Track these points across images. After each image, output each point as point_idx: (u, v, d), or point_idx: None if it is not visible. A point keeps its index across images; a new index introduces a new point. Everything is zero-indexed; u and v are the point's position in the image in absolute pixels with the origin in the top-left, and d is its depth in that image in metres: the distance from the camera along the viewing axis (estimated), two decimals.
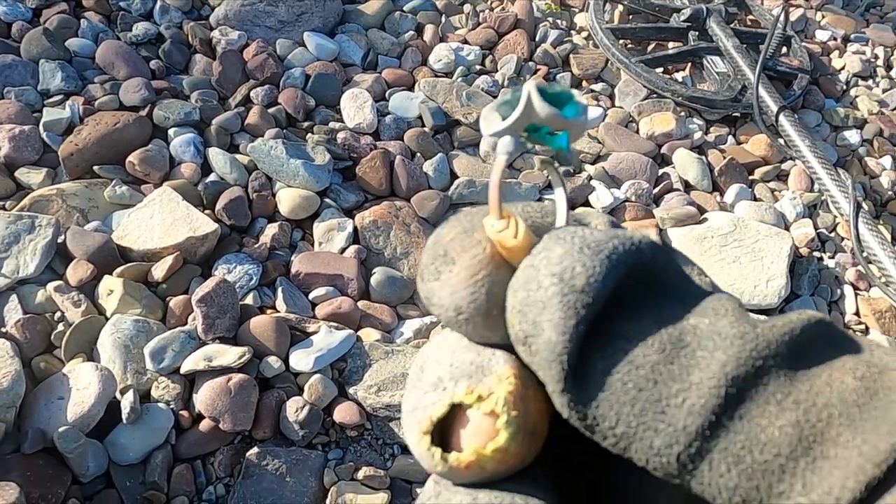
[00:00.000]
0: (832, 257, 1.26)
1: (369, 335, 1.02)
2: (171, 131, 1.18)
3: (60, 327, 0.95)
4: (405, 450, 0.97)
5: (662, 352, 0.18)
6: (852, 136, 1.47)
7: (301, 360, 0.96)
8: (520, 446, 0.19)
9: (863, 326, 1.18)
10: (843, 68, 1.65)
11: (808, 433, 0.17)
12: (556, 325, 0.18)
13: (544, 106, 0.21)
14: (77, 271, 0.98)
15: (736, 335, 0.18)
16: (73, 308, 0.96)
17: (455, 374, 0.20)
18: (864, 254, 1.17)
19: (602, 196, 1.25)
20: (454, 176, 1.25)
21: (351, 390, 0.97)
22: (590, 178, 1.28)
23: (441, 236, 0.21)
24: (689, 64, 1.56)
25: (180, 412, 0.91)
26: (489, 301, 0.20)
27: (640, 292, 0.20)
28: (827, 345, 0.19)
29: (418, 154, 1.26)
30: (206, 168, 1.17)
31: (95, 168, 1.12)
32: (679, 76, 1.54)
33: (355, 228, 1.13)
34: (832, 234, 1.30)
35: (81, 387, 0.86)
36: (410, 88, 1.38)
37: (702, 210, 1.28)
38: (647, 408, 0.18)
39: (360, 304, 1.05)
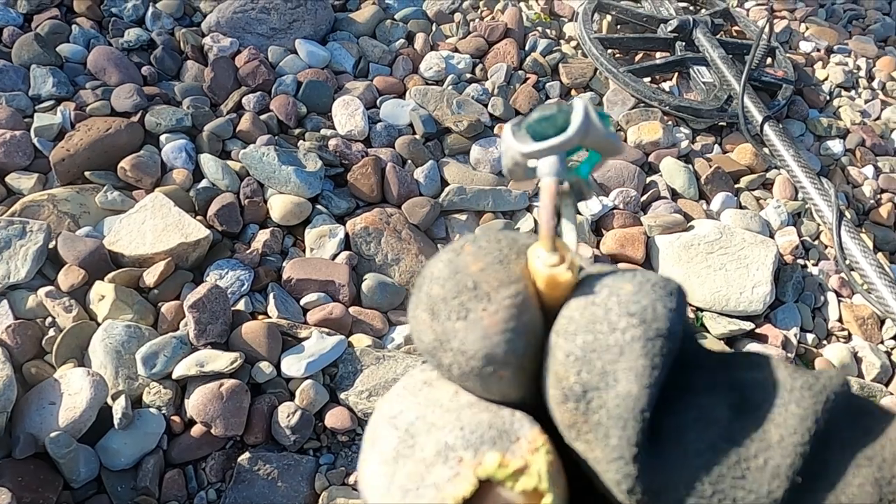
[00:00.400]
0: (816, 265, 1.29)
1: (360, 341, 1.03)
2: (162, 137, 1.19)
3: (52, 333, 0.95)
4: None
5: (731, 406, 0.16)
6: (835, 145, 1.50)
7: (293, 365, 0.96)
8: None
9: (846, 333, 1.21)
10: (826, 79, 1.68)
11: (886, 490, 0.15)
12: (639, 375, 0.15)
13: (601, 125, 0.19)
14: (68, 277, 0.98)
15: (803, 386, 0.16)
16: (65, 313, 0.96)
17: (472, 441, 0.16)
18: (847, 261, 1.19)
19: (591, 203, 1.26)
20: (445, 183, 1.26)
21: (342, 395, 0.97)
22: None
23: (465, 264, 0.17)
24: (677, 74, 1.59)
25: (172, 417, 0.91)
26: (528, 349, 0.17)
27: (686, 341, 0.17)
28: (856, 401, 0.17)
29: (409, 161, 1.27)
30: (197, 174, 1.18)
31: (87, 174, 1.12)
32: (666, 86, 1.56)
33: (347, 235, 1.14)
34: (816, 242, 1.33)
35: (73, 392, 0.86)
36: (401, 96, 1.39)
37: (688, 218, 1.30)
38: (725, 473, 0.15)
39: (352, 309, 1.06)
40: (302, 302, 1.06)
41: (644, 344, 0.15)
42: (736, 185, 1.39)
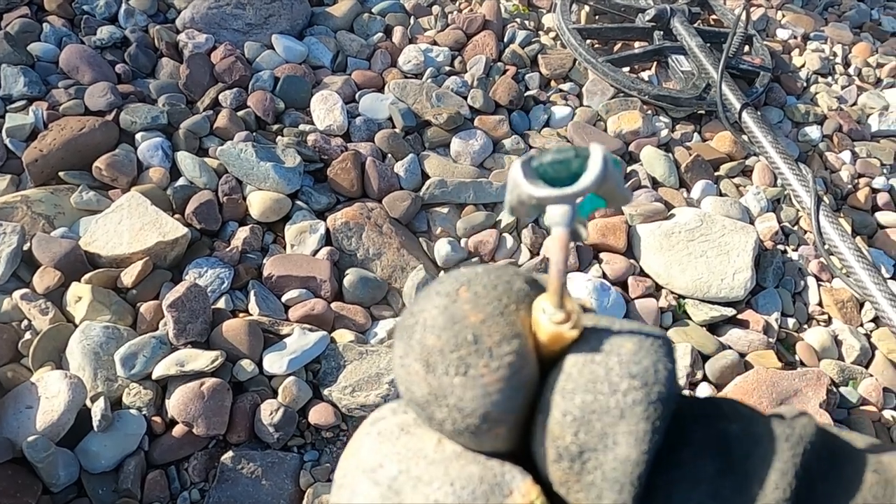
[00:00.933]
0: (795, 250, 1.30)
1: (343, 336, 1.02)
2: (138, 136, 1.17)
3: (28, 336, 0.93)
4: None
5: (716, 462, 0.16)
6: (813, 131, 1.51)
7: (275, 362, 0.96)
8: None
9: (826, 317, 1.22)
10: (803, 66, 1.69)
11: None
12: (639, 440, 0.15)
13: (617, 176, 0.18)
14: (44, 279, 0.96)
15: (780, 437, 0.16)
16: (41, 316, 0.94)
17: (463, 498, 0.15)
18: (826, 246, 1.20)
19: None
20: (425, 176, 1.25)
21: (325, 391, 0.97)
22: None
23: (464, 314, 0.16)
24: (655, 63, 1.59)
25: (153, 418, 0.90)
26: (525, 405, 0.16)
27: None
28: (830, 442, 0.18)
29: (389, 155, 1.26)
30: (174, 172, 1.16)
31: (61, 174, 1.10)
32: (645, 75, 1.56)
33: (327, 230, 1.13)
34: (795, 228, 1.34)
35: (50, 395, 0.85)
36: (380, 90, 1.38)
37: (669, 206, 1.30)
38: None
39: (334, 305, 1.05)
40: (283, 299, 1.05)
41: (646, 408, 0.15)
42: (716, 173, 1.39)
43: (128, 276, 0.99)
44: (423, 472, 0.16)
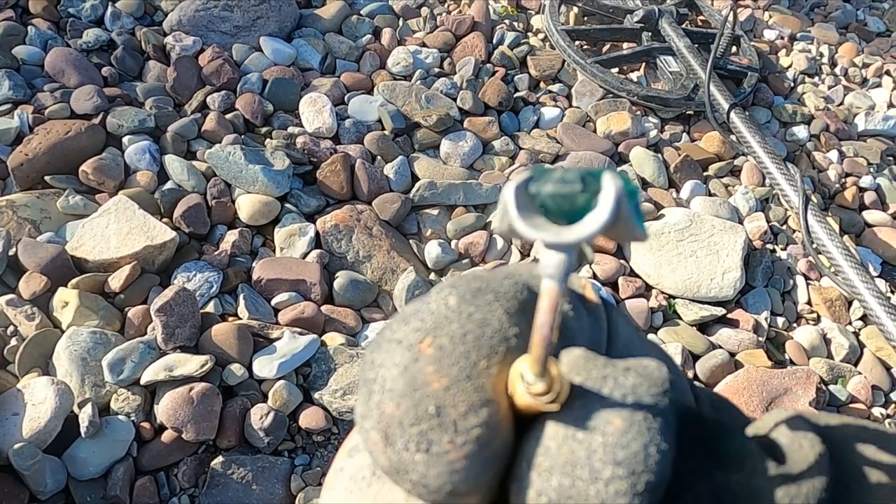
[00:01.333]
0: (784, 249, 1.30)
1: (334, 339, 1.02)
2: (125, 139, 1.16)
3: (14, 342, 0.92)
4: None
5: None
6: (800, 131, 1.52)
7: (265, 366, 0.95)
8: None
9: (815, 315, 1.22)
10: (790, 66, 1.70)
11: None
12: None
13: (631, 216, 0.16)
14: (30, 284, 0.95)
15: (785, 496, 0.15)
16: (27, 322, 0.93)
17: None
18: (814, 245, 1.21)
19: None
20: (415, 178, 1.25)
21: (316, 395, 0.96)
22: None
23: (425, 379, 0.15)
24: (644, 64, 1.60)
25: (141, 424, 0.89)
26: (497, 473, 0.15)
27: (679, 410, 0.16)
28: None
29: (378, 157, 1.26)
30: (162, 176, 1.15)
31: (47, 178, 1.09)
32: (634, 76, 1.57)
33: (317, 233, 1.13)
34: (784, 227, 1.34)
35: (37, 402, 0.84)
36: (369, 92, 1.38)
37: (659, 206, 1.30)
38: None
39: (324, 308, 1.05)
40: (273, 302, 1.04)
41: (630, 501, 0.14)
42: (705, 173, 1.40)
43: (115, 281, 0.98)
44: None
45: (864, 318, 1.22)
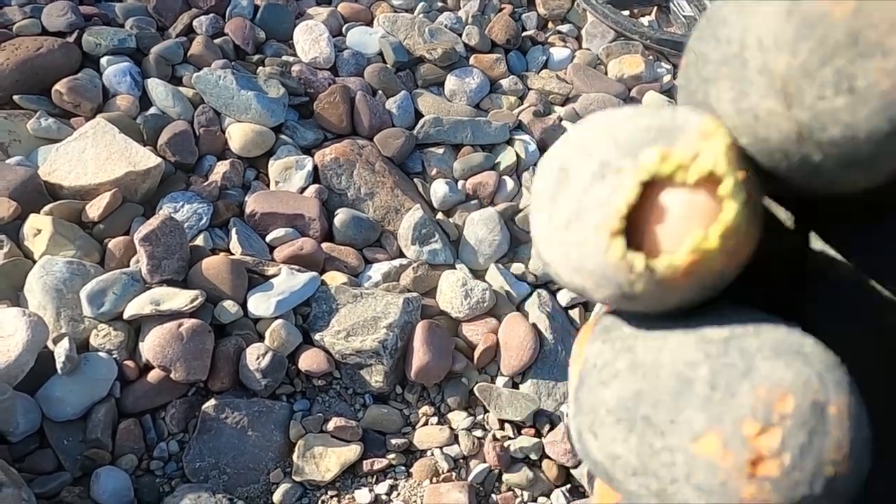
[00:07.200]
0: None
1: (335, 278, 0.94)
2: (103, 60, 1.06)
3: None
4: (377, 399, 0.90)
5: None
6: None
7: (261, 304, 0.87)
8: (753, 227, 0.12)
9: None
10: None
11: None
12: None
13: None
14: None
15: None
16: None
17: (628, 149, 0.12)
18: None
19: None
20: (419, 115, 1.17)
21: (317, 336, 0.89)
22: (560, 119, 1.22)
23: (820, 11, 0.11)
24: (656, 8, 1.52)
25: (125, 362, 0.81)
26: None
27: None
28: None
29: (380, 91, 1.17)
30: (145, 101, 1.05)
31: (15, 98, 0.99)
32: (645, 20, 1.49)
33: (315, 167, 1.04)
34: None
35: (6, 334, 0.75)
36: (369, 24, 1.29)
37: None
38: None
39: (324, 246, 0.97)
40: (268, 238, 0.96)
41: None
42: None
43: (94, 209, 0.89)
44: (591, 143, 0.13)
45: None
